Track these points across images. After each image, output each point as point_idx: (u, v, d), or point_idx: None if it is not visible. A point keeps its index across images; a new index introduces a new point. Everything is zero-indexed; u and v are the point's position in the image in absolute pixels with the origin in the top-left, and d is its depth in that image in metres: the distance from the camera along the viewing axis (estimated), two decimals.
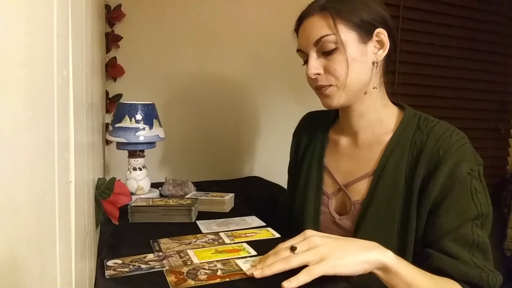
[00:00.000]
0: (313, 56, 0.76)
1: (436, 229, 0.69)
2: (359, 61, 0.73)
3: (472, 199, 0.68)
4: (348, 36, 0.72)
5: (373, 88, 0.78)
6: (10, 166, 0.20)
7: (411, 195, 0.72)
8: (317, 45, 0.74)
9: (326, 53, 0.74)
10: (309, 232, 0.64)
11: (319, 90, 0.78)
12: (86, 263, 0.52)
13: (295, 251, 0.60)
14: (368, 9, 0.74)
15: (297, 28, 0.80)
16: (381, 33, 0.74)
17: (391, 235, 0.73)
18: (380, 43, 0.75)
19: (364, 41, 0.74)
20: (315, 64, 0.75)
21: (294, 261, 0.58)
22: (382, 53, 0.75)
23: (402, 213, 0.73)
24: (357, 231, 0.77)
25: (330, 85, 0.76)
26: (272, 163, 1.58)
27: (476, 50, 2.01)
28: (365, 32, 0.73)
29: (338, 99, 0.76)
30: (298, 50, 0.80)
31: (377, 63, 0.76)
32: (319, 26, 0.74)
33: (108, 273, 0.61)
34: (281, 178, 1.12)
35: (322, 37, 0.73)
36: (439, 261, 0.67)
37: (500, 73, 2.10)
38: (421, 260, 0.69)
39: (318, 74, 0.76)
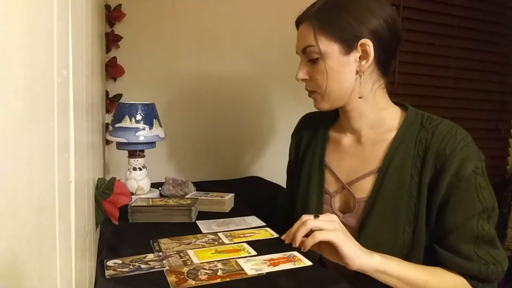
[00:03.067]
0: (302, 62, 0.81)
1: (443, 226, 0.72)
2: (338, 71, 0.76)
3: (477, 195, 0.71)
4: (328, 47, 0.75)
5: (359, 98, 0.78)
6: (10, 166, 0.20)
7: (420, 193, 0.74)
8: (305, 53, 0.79)
9: (312, 61, 0.78)
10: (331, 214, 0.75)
11: (308, 93, 0.84)
12: (86, 263, 0.52)
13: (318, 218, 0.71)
14: (354, 20, 0.73)
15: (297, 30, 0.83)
16: (366, 44, 0.74)
17: (396, 232, 0.74)
18: (365, 53, 0.75)
19: (347, 52, 0.75)
20: (303, 70, 0.81)
21: (310, 225, 0.70)
22: (365, 64, 0.75)
23: (408, 210, 0.74)
24: (362, 228, 0.77)
25: (314, 91, 0.81)
26: (272, 163, 1.58)
27: (476, 50, 2.01)
28: (348, 43, 0.74)
29: (323, 104, 0.81)
30: (296, 52, 0.84)
31: (362, 72, 0.76)
32: (305, 36, 0.78)
33: (108, 273, 0.61)
34: (281, 178, 1.12)
35: (306, 47, 0.78)
36: (442, 258, 0.72)
37: (500, 73, 2.10)
38: (429, 255, 0.73)
39: (305, 79, 0.81)
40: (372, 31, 0.74)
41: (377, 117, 0.81)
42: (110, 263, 0.65)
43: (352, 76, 0.77)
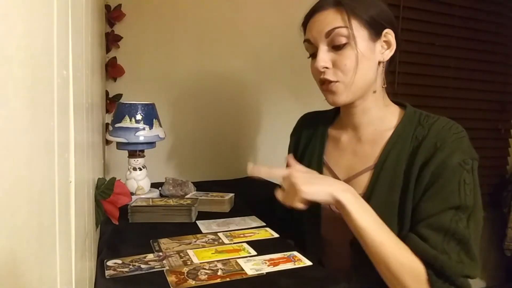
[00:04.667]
0: (323, 49, 0.76)
1: (419, 212, 0.71)
2: (367, 58, 0.75)
3: (459, 189, 0.69)
4: (359, 32, 0.74)
5: (382, 87, 0.79)
6: (10, 166, 0.20)
7: (408, 186, 0.74)
8: (328, 37, 0.74)
9: (336, 47, 0.74)
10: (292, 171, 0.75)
11: (326, 86, 0.78)
12: (86, 263, 0.52)
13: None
14: (380, 9, 0.76)
15: (306, 22, 0.80)
16: (389, 34, 0.76)
17: (391, 227, 0.74)
18: (388, 43, 0.77)
19: (374, 39, 0.75)
20: (325, 57, 0.75)
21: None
22: (389, 53, 0.77)
23: (400, 204, 0.74)
24: None
25: (337, 81, 0.76)
26: (272, 163, 1.58)
27: (476, 50, 2.01)
28: (375, 31, 0.75)
29: (345, 96, 0.77)
30: (306, 41, 0.80)
31: (383, 62, 0.77)
32: (332, 19, 0.74)
33: (108, 273, 0.61)
34: None
35: (335, 28, 0.73)
36: (408, 240, 0.70)
37: (500, 73, 2.09)
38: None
39: (326, 67, 0.76)
40: (391, 21, 0.76)
41: (380, 114, 0.82)
42: (110, 263, 0.65)
43: (376, 65, 0.77)
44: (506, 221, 2.02)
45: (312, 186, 0.70)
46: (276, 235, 0.81)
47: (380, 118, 0.82)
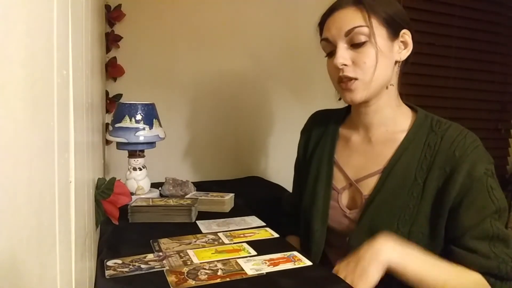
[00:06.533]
0: (343, 47, 0.76)
1: (458, 226, 0.73)
2: (386, 56, 0.75)
3: (490, 196, 0.72)
4: (378, 30, 0.74)
5: (390, 85, 0.80)
6: (10, 166, 0.20)
7: (422, 194, 0.74)
8: (348, 36, 0.75)
9: (355, 46, 0.75)
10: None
11: (344, 84, 0.77)
12: (86, 263, 0.52)
13: None
14: (397, 9, 0.76)
15: (323, 21, 0.81)
16: (406, 34, 0.77)
17: (389, 230, 0.75)
18: (405, 43, 0.78)
19: (392, 39, 0.76)
20: (344, 54, 0.75)
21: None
22: (406, 53, 0.78)
23: (405, 210, 0.75)
24: (358, 224, 0.79)
25: (356, 79, 0.76)
26: (272, 163, 1.58)
27: (476, 50, 2.01)
28: (393, 30, 0.76)
29: (362, 94, 0.77)
30: (324, 40, 0.80)
31: (399, 62, 0.78)
32: (352, 18, 0.75)
33: (108, 273, 0.61)
34: (281, 178, 1.12)
35: (355, 27, 0.74)
36: (460, 257, 0.72)
37: (500, 73, 2.10)
38: (446, 255, 0.73)
39: (345, 65, 0.76)
40: (407, 21, 0.77)
41: (392, 114, 0.82)
42: (110, 263, 0.65)
43: (392, 64, 0.78)
44: (507, 221, 2.02)
45: (364, 278, 0.67)
46: (276, 235, 0.81)
47: (392, 118, 0.82)
